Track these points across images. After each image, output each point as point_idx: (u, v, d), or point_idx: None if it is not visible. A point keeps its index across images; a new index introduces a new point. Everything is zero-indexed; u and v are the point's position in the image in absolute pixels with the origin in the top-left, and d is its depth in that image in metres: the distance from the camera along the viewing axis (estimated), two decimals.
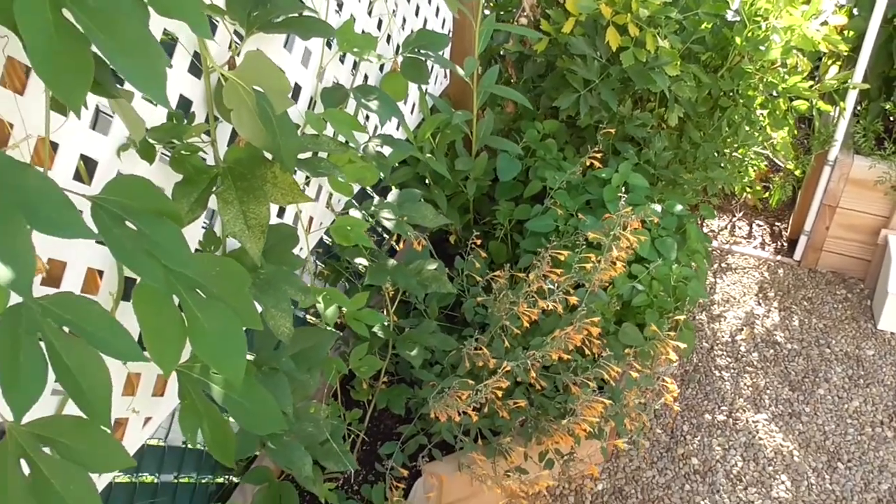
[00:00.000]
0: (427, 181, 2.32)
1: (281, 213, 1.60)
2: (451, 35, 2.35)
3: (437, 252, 2.33)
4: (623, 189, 2.23)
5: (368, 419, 2.13)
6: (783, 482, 2.24)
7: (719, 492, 2.20)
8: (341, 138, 1.57)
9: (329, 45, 1.62)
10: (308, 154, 1.51)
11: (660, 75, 2.35)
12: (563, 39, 2.45)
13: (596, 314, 1.92)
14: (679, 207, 2.26)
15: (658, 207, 2.21)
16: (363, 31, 1.75)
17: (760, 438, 2.36)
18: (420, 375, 1.96)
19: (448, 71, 2.45)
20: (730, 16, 2.53)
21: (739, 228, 3.33)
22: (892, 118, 2.98)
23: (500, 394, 1.66)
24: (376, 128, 1.96)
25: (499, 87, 2.28)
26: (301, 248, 1.54)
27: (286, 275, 1.34)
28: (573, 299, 1.73)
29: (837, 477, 2.26)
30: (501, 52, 2.74)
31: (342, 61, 1.72)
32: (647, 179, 2.39)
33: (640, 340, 2.02)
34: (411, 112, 2.22)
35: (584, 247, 1.87)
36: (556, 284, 1.76)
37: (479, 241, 2.16)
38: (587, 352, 1.90)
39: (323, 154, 1.56)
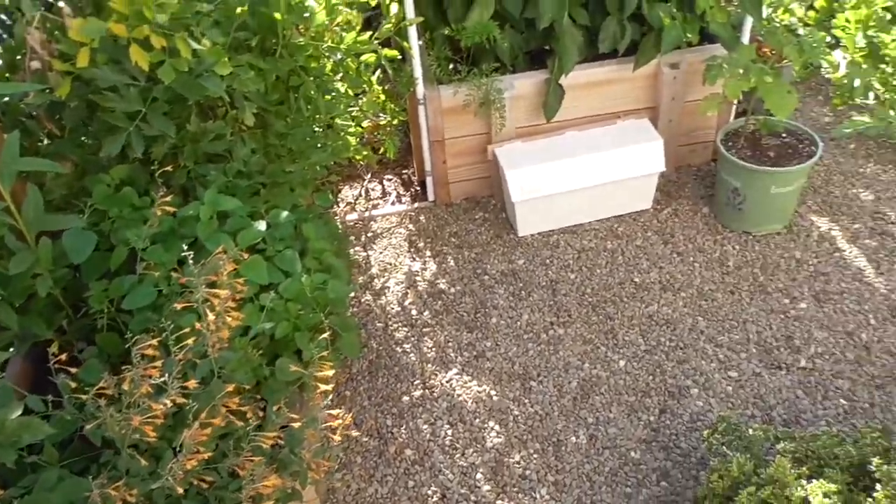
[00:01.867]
0: None
1: None
2: None
3: (36, 375, 1.89)
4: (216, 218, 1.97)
5: None
6: (492, 428, 2.24)
7: (441, 471, 2.14)
8: None
9: None
10: None
11: (211, 79, 2.09)
12: (87, 75, 2.07)
13: (237, 373, 1.68)
14: (285, 214, 2.06)
15: (262, 225, 1.99)
16: None
17: (459, 395, 2.34)
18: None
19: None
20: None
21: (373, 191, 3.27)
22: (457, 39, 3.06)
23: None
24: None
25: (23, 161, 1.85)
26: None
27: None
28: (191, 383, 1.46)
29: (534, 395, 2.32)
30: (27, 110, 2.27)
31: None
32: (247, 192, 2.16)
33: (300, 371, 1.82)
34: None
35: (178, 316, 1.60)
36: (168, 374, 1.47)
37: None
38: (249, 414, 1.66)
39: None
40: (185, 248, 1.73)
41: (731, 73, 2.66)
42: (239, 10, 2.23)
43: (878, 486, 1.54)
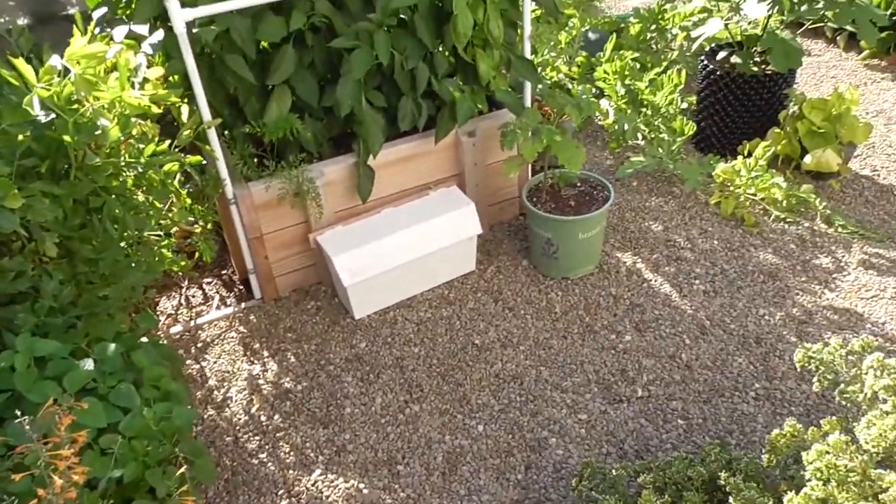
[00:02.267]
0: None
1: None
2: None
3: None
4: (33, 366, 1.78)
5: None
6: None
7: None
8: None
9: None
10: None
11: (1, 214, 1.91)
12: None
13: None
14: (112, 347, 1.91)
15: (89, 363, 1.83)
16: None
17: (328, 497, 2.26)
18: None
19: None
20: (43, 116, 2.18)
21: (194, 297, 3.12)
22: (259, 134, 3.04)
23: None
24: None
25: None
26: None
27: None
28: None
29: (403, 479, 2.30)
30: None
31: None
32: (62, 329, 1.98)
33: None
34: None
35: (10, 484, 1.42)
36: None
37: None
38: None
39: None
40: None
41: (524, 136, 2.87)
42: (21, 136, 2.07)
43: (730, 500, 1.69)
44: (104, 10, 2.93)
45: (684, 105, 3.91)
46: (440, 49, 2.93)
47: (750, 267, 3.03)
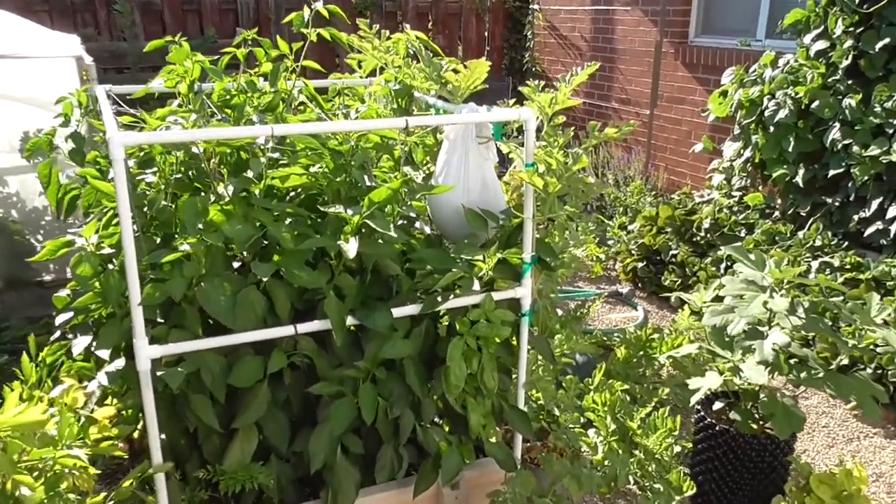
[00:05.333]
0: None
1: None
2: None
3: None
4: None
5: None
6: None
7: None
8: None
9: None
10: None
11: None
12: None
13: None
14: None
15: None
16: None
17: None
18: None
19: None
20: None
21: None
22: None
23: None
24: None
25: None
26: None
27: None
28: None
29: None
30: None
31: None
32: None
33: None
34: None
35: None
36: None
37: None
38: None
39: None
40: None
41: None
42: None
43: None
44: (69, 315, 2.69)
45: (678, 447, 3.66)
46: (429, 395, 2.70)
47: None
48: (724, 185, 6.20)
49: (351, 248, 2.35)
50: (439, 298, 2.56)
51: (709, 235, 5.77)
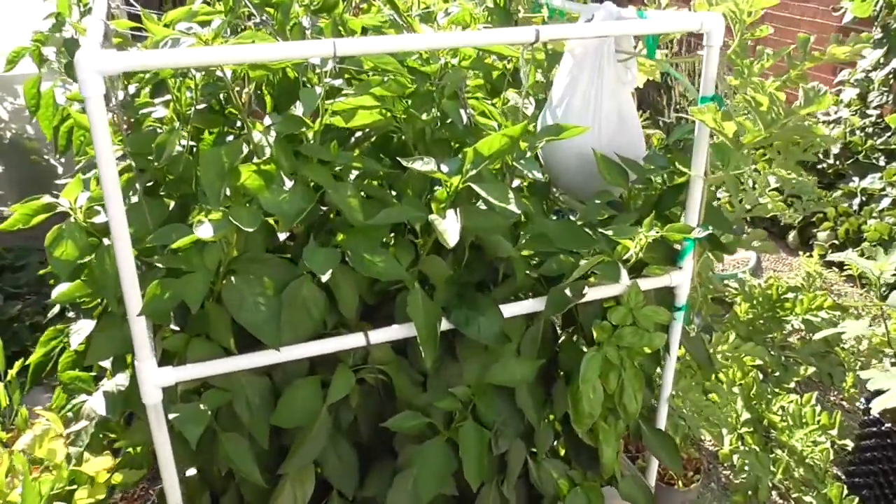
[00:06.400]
0: None
1: None
2: None
3: None
4: None
5: None
6: None
7: None
8: None
9: None
10: None
11: None
12: None
13: None
14: None
15: None
16: None
17: None
18: None
19: None
20: None
21: None
22: None
23: None
24: None
25: None
26: None
27: None
28: None
29: None
30: None
31: None
32: None
33: None
34: None
35: None
36: None
37: None
38: None
39: None
40: None
41: None
42: None
43: None
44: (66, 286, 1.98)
45: (827, 444, 2.91)
46: (546, 419, 1.97)
47: None
48: (855, 102, 5.16)
49: (450, 227, 1.56)
50: (567, 292, 1.78)
51: (838, 163, 4.82)
